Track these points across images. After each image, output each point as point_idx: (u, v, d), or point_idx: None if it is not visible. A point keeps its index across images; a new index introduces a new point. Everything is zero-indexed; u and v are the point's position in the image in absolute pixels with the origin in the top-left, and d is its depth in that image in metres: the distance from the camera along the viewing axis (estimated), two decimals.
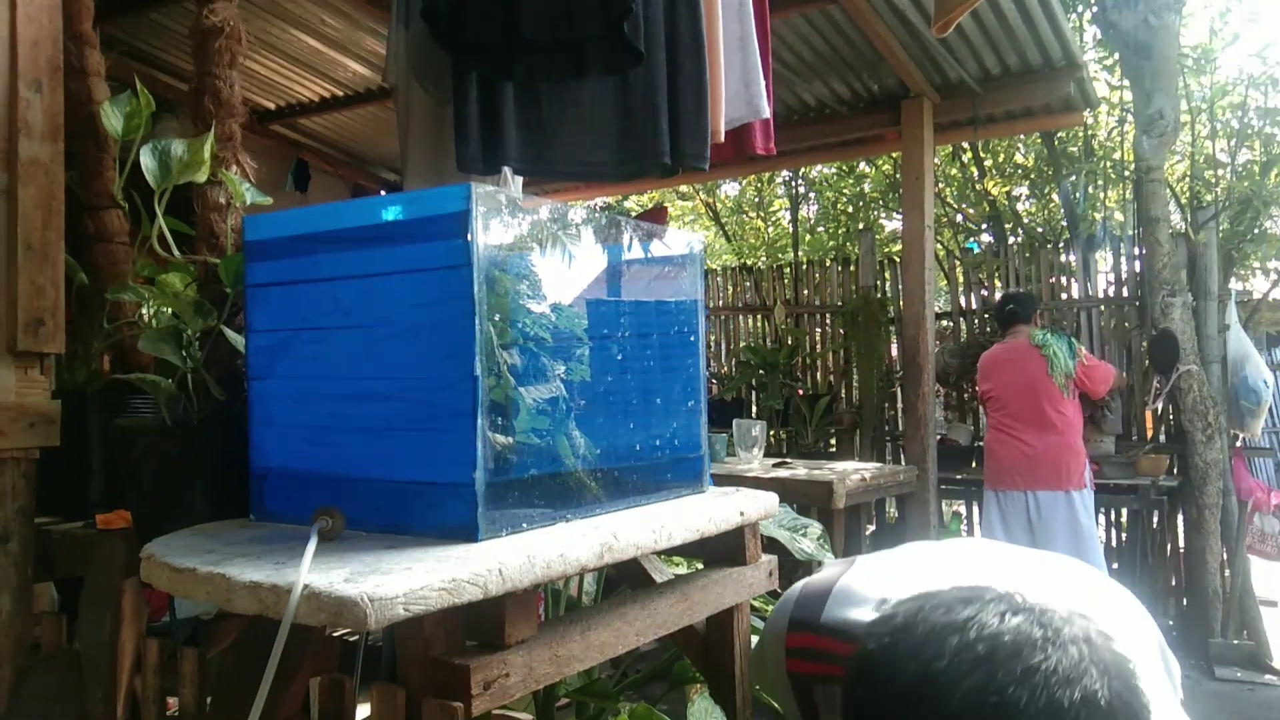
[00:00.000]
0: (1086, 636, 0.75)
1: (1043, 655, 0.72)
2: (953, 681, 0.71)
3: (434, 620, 1.03)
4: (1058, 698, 0.70)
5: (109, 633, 1.42)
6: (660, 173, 2.13)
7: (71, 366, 1.77)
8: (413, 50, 2.13)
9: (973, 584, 0.77)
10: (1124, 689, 0.74)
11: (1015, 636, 0.73)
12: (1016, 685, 0.70)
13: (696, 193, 10.58)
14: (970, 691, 0.70)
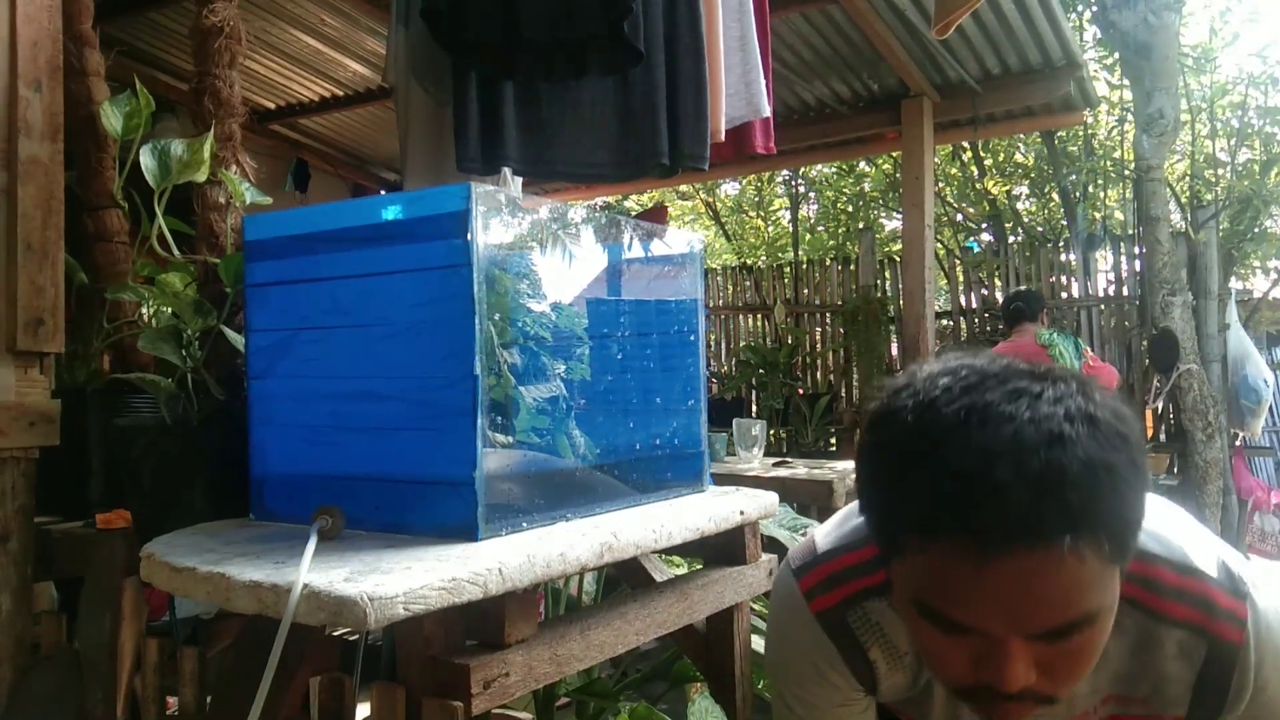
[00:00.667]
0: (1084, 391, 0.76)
1: (1031, 381, 0.75)
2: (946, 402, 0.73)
3: (434, 619, 1.03)
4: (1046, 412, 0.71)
5: (109, 632, 1.42)
6: (659, 173, 2.13)
7: (71, 366, 1.77)
8: (412, 50, 2.13)
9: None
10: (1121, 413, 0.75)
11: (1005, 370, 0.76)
12: (1005, 401, 0.72)
13: (696, 192, 10.58)
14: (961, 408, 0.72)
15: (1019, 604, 0.71)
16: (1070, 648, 0.74)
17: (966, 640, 0.74)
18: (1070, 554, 0.69)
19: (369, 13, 4.07)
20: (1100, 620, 0.74)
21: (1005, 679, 0.73)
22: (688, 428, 1.53)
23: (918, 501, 0.73)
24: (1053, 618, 0.71)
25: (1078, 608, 0.71)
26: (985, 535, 0.69)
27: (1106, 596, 0.74)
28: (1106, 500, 0.70)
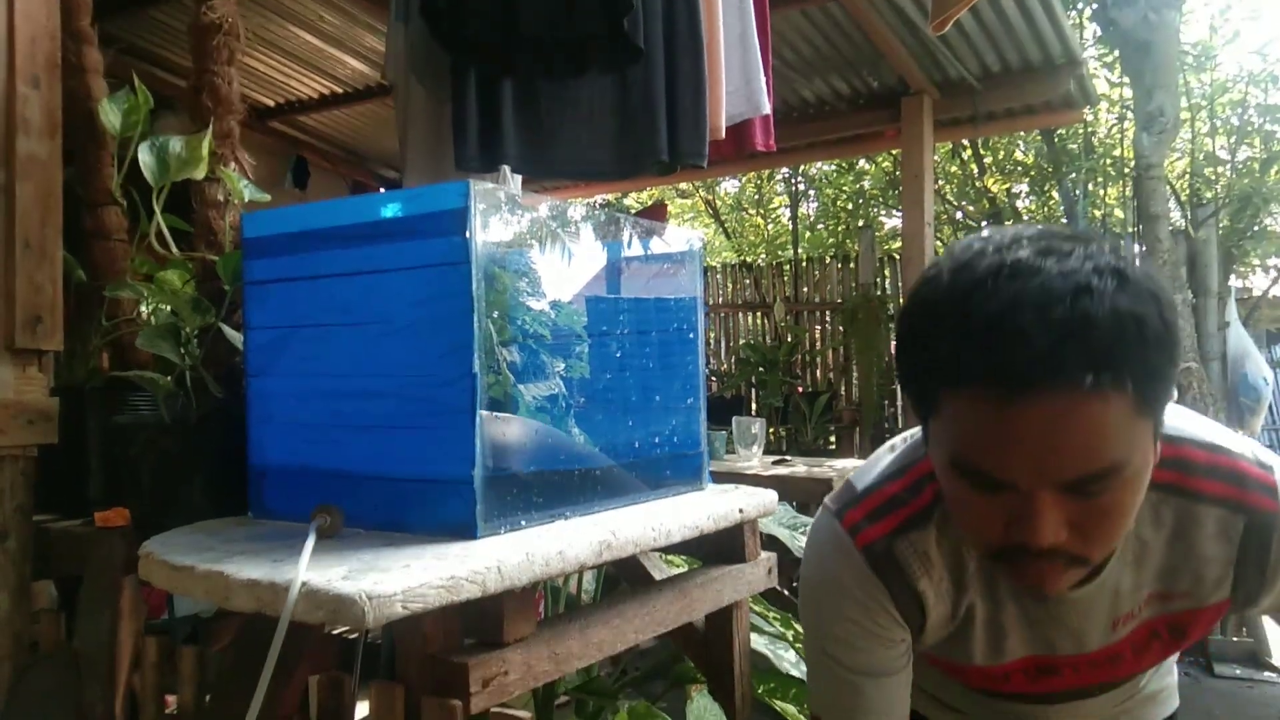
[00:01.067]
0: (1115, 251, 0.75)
1: (1064, 241, 0.75)
2: (979, 261, 0.74)
3: (433, 618, 1.03)
4: (1075, 266, 0.72)
5: (107, 630, 1.42)
6: (659, 171, 2.13)
7: (70, 364, 1.77)
8: (412, 48, 2.12)
9: None
10: (1153, 274, 0.75)
11: (1040, 232, 0.76)
12: (1036, 256, 0.73)
13: (696, 190, 10.57)
14: (992, 264, 0.73)
15: (1045, 449, 0.71)
16: (1100, 504, 0.74)
17: (999, 498, 0.75)
18: (1094, 396, 0.69)
19: (368, 10, 4.06)
20: (1129, 477, 0.74)
21: (1037, 533, 0.74)
22: (687, 426, 1.53)
23: (947, 350, 0.73)
24: (1079, 464, 0.71)
25: (1104, 455, 0.71)
26: (1009, 377, 0.70)
27: (1135, 452, 0.73)
28: (1133, 347, 0.70)
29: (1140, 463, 0.75)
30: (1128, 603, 0.92)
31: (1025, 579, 0.80)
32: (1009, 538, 0.76)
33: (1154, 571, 0.90)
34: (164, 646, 1.42)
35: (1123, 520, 0.77)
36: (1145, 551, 0.89)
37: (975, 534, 0.81)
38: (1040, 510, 0.73)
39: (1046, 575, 0.79)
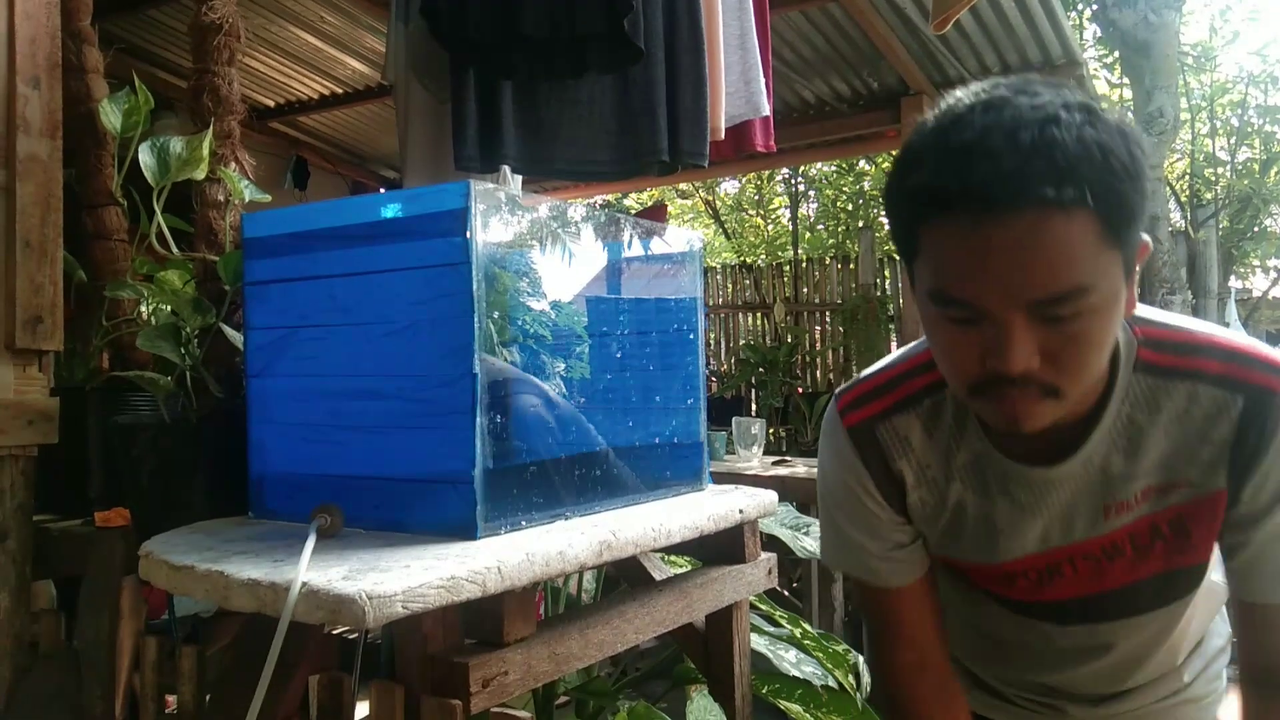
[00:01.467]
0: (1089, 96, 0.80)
1: (1043, 85, 0.79)
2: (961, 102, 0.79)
3: (433, 618, 1.03)
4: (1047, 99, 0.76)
5: (108, 630, 1.42)
6: (659, 171, 2.13)
7: (70, 364, 1.77)
8: (412, 48, 2.12)
9: None
10: (1124, 117, 0.79)
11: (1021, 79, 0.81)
12: (1012, 94, 0.77)
13: (696, 190, 10.57)
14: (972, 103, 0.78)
15: (1014, 267, 0.75)
16: (1069, 331, 0.77)
17: (975, 331, 0.79)
18: (1059, 213, 0.73)
19: (368, 10, 4.07)
20: (1097, 306, 0.77)
21: (1009, 359, 0.77)
22: (687, 426, 1.53)
23: (926, 179, 0.78)
24: (1046, 284, 0.75)
25: (1070, 276, 0.75)
26: (980, 198, 0.74)
27: (1102, 280, 0.76)
28: (1098, 171, 0.73)
29: (1108, 294, 0.78)
30: (1120, 490, 0.92)
31: (1003, 413, 0.83)
32: (985, 369, 0.80)
33: (1151, 461, 0.91)
34: (164, 646, 1.42)
35: (1092, 352, 0.80)
36: (1141, 438, 0.90)
37: (955, 371, 0.84)
38: (1012, 335, 0.77)
39: (1019, 405, 0.81)
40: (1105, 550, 0.95)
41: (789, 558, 3.15)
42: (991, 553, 0.99)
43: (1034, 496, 0.95)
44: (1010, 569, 0.99)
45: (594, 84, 2.07)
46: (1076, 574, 0.97)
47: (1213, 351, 0.90)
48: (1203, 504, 0.91)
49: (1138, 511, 0.93)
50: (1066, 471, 0.92)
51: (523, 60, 1.98)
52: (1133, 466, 0.91)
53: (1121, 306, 0.81)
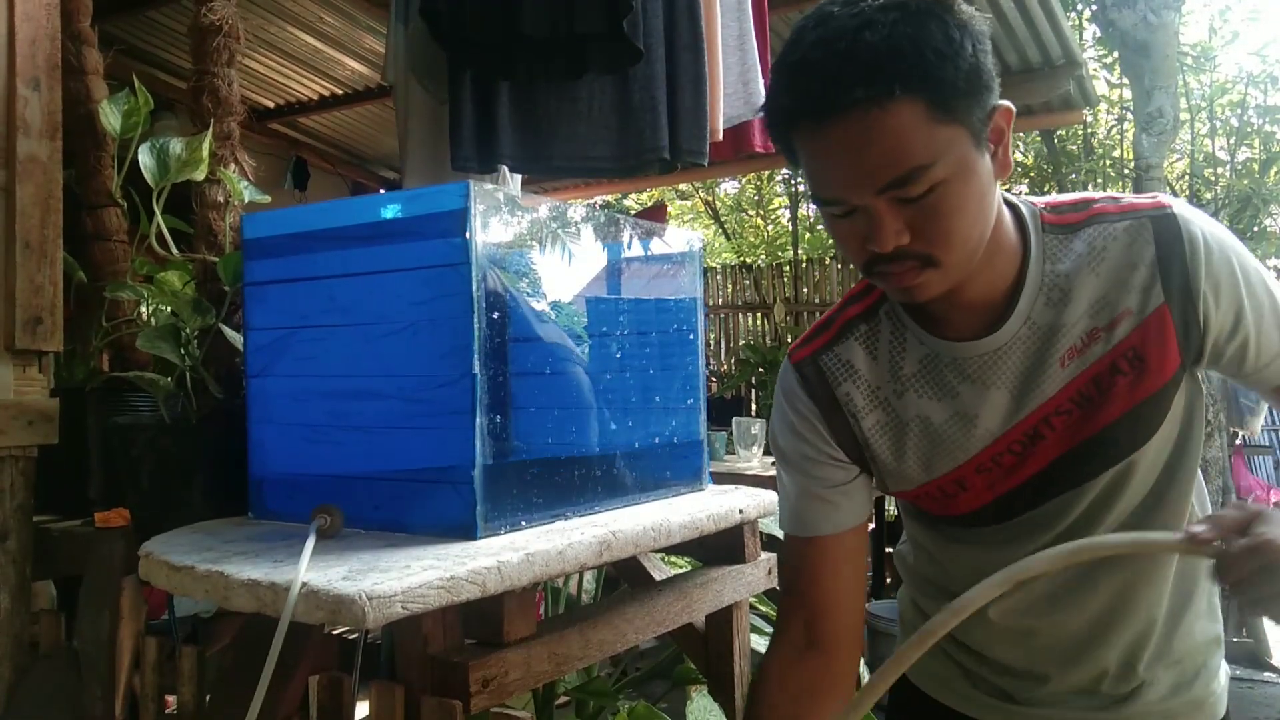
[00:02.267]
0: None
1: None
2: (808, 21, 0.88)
3: (433, 618, 1.03)
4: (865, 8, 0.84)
5: (108, 630, 1.42)
6: (659, 169, 2.13)
7: (70, 364, 1.77)
8: (412, 48, 2.13)
9: None
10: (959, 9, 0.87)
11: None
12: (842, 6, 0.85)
13: (696, 191, 10.57)
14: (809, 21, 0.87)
15: (854, 162, 0.85)
16: (928, 205, 0.86)
17: (852, 221, 0.89)
18: (876, 110, 0.82)
19: (368, 11, 4.07)
20: (948, 179, 0.86)
21: (878, 240, 0.88)
22: (687, 426, 1.53)
23: (776, 101, 0.89)
24: (885, 169, 0.84)
25: (904, 159, 0.84)
26: (812, 109, 0.85)
27: (943, 154, 0.85)
28: (910, 62, 0.82)
29: (953, 165, 0.86)
30: (1065, 338, 0.98)
31: (894, 287, 0.93)
32: (867, 251, 0.90)
33: (1088, 303, 0.98)
34: (164, 646, 1.42)
35: (956, 219, 0.88)
36: (1069, 286, 0.98)
37: (850, 257, 0.95)
38: (876, 219, 0.87)
39: (904, 278, 0.91)
40: (1075, 400, 0.99)
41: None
42: (968, 445, 1.03)
43: (989, 369, 1.01)
44: (994, 451, 1.03)
45: (593, 81, 2.07)
46: (1054, 432, 1.01)
47: (1103, 200, 1.01)
48: (1150, 326, 0.96)
49: (1091, 354, 0.98)
50: (1008, 334, 0.99)
51: (522, 60, 1.98)
52: (1070, 313, 0.98)
53: (980, 173, 0.89)
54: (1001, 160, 0.93)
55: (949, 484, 1.06)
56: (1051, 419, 1.00)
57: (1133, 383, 0.98)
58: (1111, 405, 0.98)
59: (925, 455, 1.05)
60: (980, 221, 0.91)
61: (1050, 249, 1.00)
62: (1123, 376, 0.98)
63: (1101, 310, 0.97)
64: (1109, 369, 0.98)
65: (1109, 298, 0.97)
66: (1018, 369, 1.00)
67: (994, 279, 0.98)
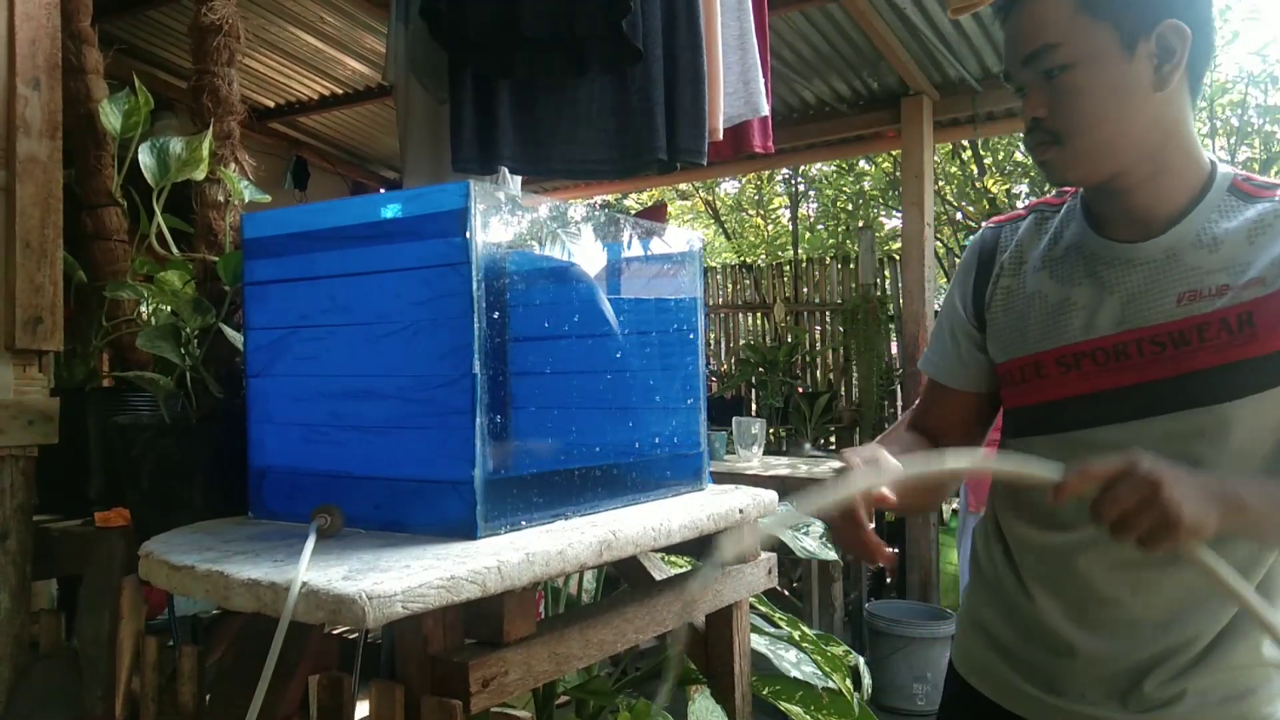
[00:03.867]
0: None
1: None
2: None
3: (433, 618, 1.03)
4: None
5: (108, 630, 1.42)
6: (658, 169, 2.13)
7: (70, 364, 1.77)
8: (412, 48, 2.12)
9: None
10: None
11: None
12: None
13: (696, 191, 10.58)
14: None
15: (1014, 37, 1.06)
16: (1060, 84, 1.02)
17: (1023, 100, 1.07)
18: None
19: (368, 11, 4.07)
20: (1079, 62, 1.01)
21: (1026, 106, 1.06)
22: (687, 426, 1.53)
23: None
24: (1026, 43, 1.04)
25: (1041, 35, 1.02)
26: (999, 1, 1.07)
27: (1076, 41, 1.01)
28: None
29: (1086, 54, 1.01)
30: (1196, 280, 1.04)
31: (1036, 160, 1.09)
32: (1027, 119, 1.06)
33: (1230, 259, 1.03)
34: (164, 646, 1.42)
35: (1082, 101, 1.02)
36: (1223, 239, 1.03)
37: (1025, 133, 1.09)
38: (1028, 90, 1.06)
39: (1039, 153, 1.07)
40: (1173, 338, 1.03)
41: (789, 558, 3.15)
42: (1060, 333, 1.11)
43: (1115, 274, 1.08)
44: (1081, 348, 1.09)
45: (592, 83, 2.07)
46: (1142, 357, 1.05)
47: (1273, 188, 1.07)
48: (1271, 299, 1.00)
49: (1208, 305, 1.02)
50: (1146, 252, 1.06)
51: (522, 61, 1.98)
52: (1210, 261, 1.03)
53: (1118, 71, 1.01)
54: (1165, 75, 1.02)
55: (1029, 366, 1.14)
56: (1144, 345, 1.05)
57: (1233, 342, 1.01)
58: (1202, 356, 1.01)
59: (1022, 327, 1.14)
60: (1112, 116, 1.02)
61: (1226, 206, 1.05)
62: (1227, 333, 1.01)
63: (1238, 271, 1.02)
64: (1217, 323, 1.01)
65: (1250, 262, 1.01)
66: (1137, 286, 1.06)
67: (1160, 198, 1.06)
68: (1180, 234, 1.05)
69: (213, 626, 1.64)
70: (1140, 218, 1.07)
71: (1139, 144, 1.04)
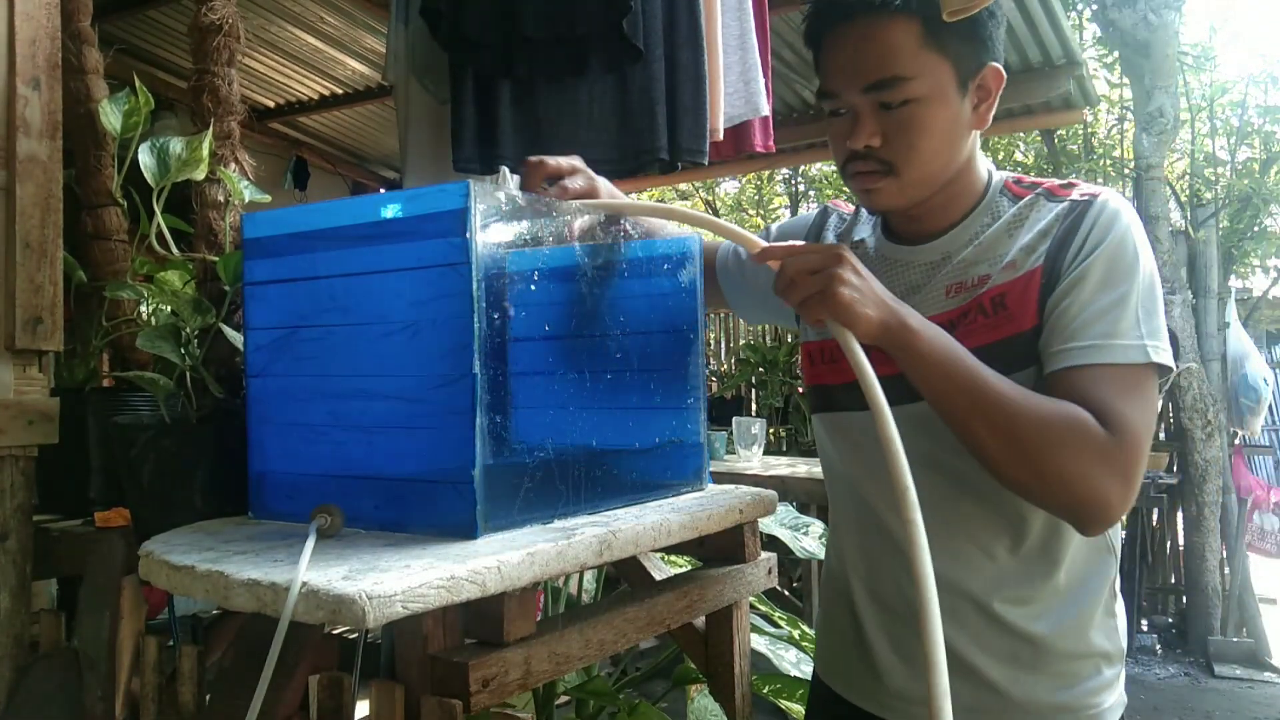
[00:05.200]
0: None
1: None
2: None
3: (433, 618, 1.03)
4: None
5: (108, 630, 1.42)
6: (659, 169, 2.13)
7: (70, 364, 1.77)
8: (412, 48, 2.13)
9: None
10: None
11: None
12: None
13: (696, 190, 10.58)
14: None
15: (851, 59, 1.04)
16: (900, 117, 1.03)
17: (842, 121, 1.08)
18: (884, 17, 1.01)
19: (368, 11, 4.07)
20: (922, 98, 1.03)
21: (855, 134, 1.05)
22: (687, 426, 1.53)
23: (816, 5, 1.09)
24: (871, 71, 1.02)
25: (890, 66, 1.01)
26: (835, 9, 1.05)
27: (923, 76, 1.03)
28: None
29: (931, 90, 1.03)
30: (960, 273, 1.13)
31: (859, 188, 1.11)
32: (847, 149, 1.07)
33: (989, 255, 1.12)
34: (164, 646, 1.42)
35: (921, 137, 1.04)
36: (984, 239, 1.13)
37: (836, 157, 1.12)
38: (859, 115, 1.05)
39: (869, 181, 1.08)
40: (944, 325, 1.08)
41: (789, 558, 3.15)
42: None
43: (897, 273, 1.18)
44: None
45: (592, 83, 2.07)
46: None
47: (1061, 184, 1.13)
48: (1020, 281, 1.08)
49: (973, 294, 1.11)
50: (925, 254, 1.16)
51: (522, 61, 1.98)
52: (975, 255, 1.12)
53: (954, 109, 1.06)
54: (981, 114, 1.09)
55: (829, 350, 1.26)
56: None
57: (990, 324, 1.09)
58: (965, 341, 1.06)
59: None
60: (944, 152, 1.07)
61: (997, 207, 1.14)
62: (984, 316, 1.09)
63: (996, 261, 1.11)
64: (975, 308, 1.11)
65: (1007, 252, 1.09)
66: (914, 283, 1.16)
67: (946, 211, 1.15)
68: (954, 237, 1.15)
69: (213, 626, 1.64)
70: (925, 228, 1.17)
71: (951, 173, 1.11)
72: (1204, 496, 5.12)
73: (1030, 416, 0.97)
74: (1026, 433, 0.97)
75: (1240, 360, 5.29)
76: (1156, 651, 5.10)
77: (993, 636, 1.13)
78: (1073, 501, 0.99)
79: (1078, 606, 1.13)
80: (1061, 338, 1.03)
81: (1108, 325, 1.01)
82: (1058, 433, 0.97)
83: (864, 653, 1.26)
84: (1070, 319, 1.03)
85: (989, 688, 1.13)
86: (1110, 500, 0.98)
